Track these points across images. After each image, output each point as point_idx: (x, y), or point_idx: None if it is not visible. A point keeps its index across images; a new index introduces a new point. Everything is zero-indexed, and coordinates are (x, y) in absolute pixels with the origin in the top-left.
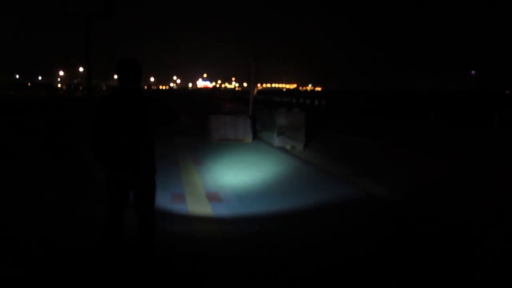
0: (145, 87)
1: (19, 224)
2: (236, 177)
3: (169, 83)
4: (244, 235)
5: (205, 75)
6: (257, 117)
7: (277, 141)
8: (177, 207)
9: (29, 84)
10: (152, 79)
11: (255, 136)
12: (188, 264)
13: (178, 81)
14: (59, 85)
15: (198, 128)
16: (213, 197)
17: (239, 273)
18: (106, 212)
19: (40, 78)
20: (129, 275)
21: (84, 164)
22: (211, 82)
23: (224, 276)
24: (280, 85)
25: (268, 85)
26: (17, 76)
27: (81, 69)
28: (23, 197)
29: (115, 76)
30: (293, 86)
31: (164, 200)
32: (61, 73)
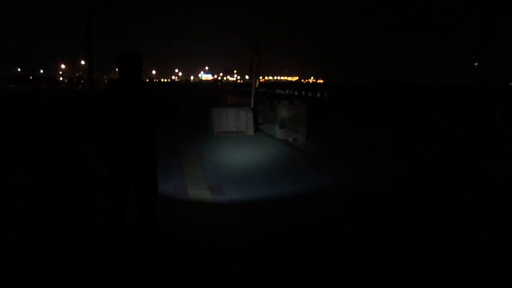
0: (147, 80)
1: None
2: (238, 170)
3: (171, 76)
4: (244, 226)
5: (206, 68)
6: (259, 110)
7: (279, 133)
8: (179, 200)
9: (30, 77)
10: (153, 72)
11: (257, 129)
12: (189, 251)
13: (180, 74)
14: (61, 79)
15: (200, 121)
16: (215, 190)
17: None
18: (109, 204)
19: (41, 71)
20: (131, 266)
21: (88, 156)
22: (212, 75)
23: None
24: (282, 78)
25: (270, 77)
26: (19, 70)
27: (82, 62)
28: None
29: (117, 69)
30: (295, 78)
31: (166, 193)
32: (63, 66)
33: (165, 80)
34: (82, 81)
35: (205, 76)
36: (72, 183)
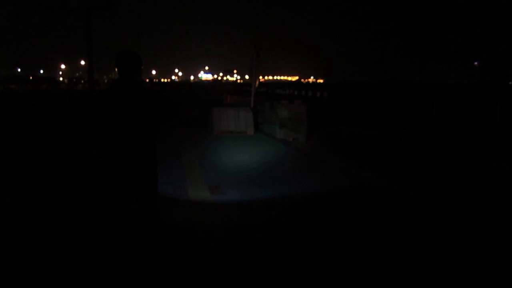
0: (147, 80)
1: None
2: (238, 170)
3: (171, 76)
4: (244, 225)
5: (206, 68)
6: (259, 109)
7: (279, 133)
8: (179, 200)
9: (30, 77)
10: (153, 72)
11: (257, 129)
12: (189, 251)
13: (180, 74)
14: (61, 79)
15: (200, 121)
16: (215, 190)
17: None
18: (109, 204)
19: (41, 71)
20: (132, 265)
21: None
22: (212, 74)
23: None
24: (282, 78)
25: (270, 77)
26: (19, 70)
27: (82, 62)
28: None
29: (116, 69)
30: (295, 78)
31: (166, 193)
32: (63, 66)
33: (165, 80)
34: (82, 81)
35: (205, 76)
36: (72, 183)
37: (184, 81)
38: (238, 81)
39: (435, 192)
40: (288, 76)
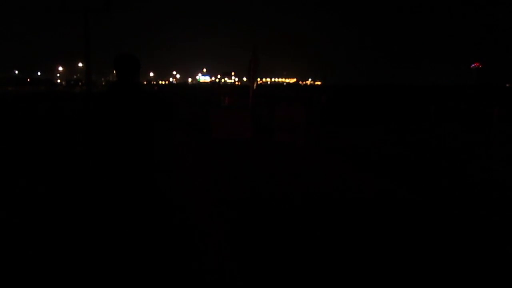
0: (145, 82)
1: None
2: (236, 172)
3: (169, 78)
4: (241, 228)
5: (204, 70)
6: (257, 112)
7: (277, 136)
8: (178, 203)
9: (28, 79)
10: (151, 74)
11: (255, 131)
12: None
13: (178, 76)
14: (59, 81)
15: (198, 124)
16: (214, 192)
17: None
18: (107, 204)
19: (39, 73)
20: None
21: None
22: (210, 77)
23: None
24: (280, 80)
25: (268, 79)
26: (16, 72)
27: (80, 64)
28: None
29: (114, 72)
30: (293, 80)
31: (164, 195)
32: (61, 68)
33: (164, 82)
34: (80, 83)
35: (203, 78)
36: (72, 184)
37: (182, 83)
38: (236, 83)
39: (428, 190)
40: (286, 78)
